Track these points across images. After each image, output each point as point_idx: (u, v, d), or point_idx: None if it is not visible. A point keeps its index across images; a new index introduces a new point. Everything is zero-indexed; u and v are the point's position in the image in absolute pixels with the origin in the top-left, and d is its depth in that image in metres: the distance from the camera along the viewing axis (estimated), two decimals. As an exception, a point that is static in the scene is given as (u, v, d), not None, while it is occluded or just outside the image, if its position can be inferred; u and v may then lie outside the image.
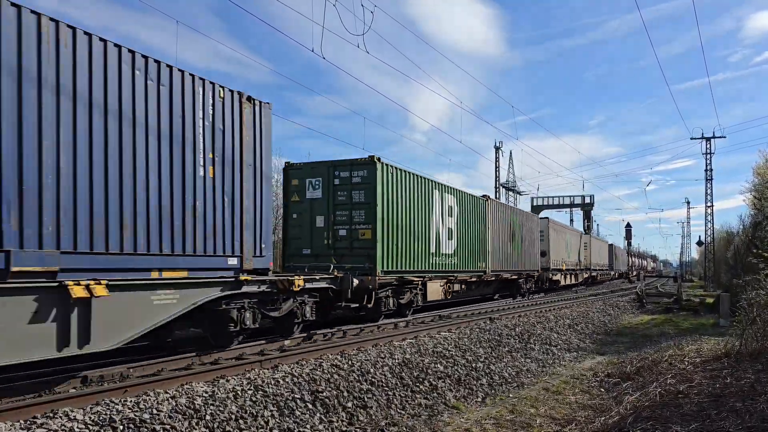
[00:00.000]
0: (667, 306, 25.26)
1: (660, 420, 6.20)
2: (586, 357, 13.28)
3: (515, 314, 17.55)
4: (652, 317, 22.30)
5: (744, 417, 5.81)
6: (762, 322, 9.56)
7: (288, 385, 7.26)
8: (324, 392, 7.30)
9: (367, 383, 8.05)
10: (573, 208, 65.85)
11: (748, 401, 6.37)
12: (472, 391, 9.18)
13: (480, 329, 13.43)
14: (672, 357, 10.42)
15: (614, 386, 9.69)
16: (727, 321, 17.09)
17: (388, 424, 7.15)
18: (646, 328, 18.43)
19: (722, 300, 19.18)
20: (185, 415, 5.83)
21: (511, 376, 10.36)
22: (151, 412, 5.70)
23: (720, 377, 7.82)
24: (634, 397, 7.76)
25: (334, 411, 7.04)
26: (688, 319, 20.94)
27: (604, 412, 7.60)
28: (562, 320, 17.33)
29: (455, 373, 9.59)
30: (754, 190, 30.66)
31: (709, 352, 10.42)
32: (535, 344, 13.24)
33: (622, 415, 6.91)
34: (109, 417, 5.45)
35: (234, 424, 5.96)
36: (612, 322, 20.02)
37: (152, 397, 6.19)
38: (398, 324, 13.63)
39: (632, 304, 26.53)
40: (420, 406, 8.02)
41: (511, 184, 57.82)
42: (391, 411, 7.58)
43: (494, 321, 15.28)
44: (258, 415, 6.31)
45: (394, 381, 8.45)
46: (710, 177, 47.45)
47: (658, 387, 7.80)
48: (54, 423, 5.21)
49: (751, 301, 10.31)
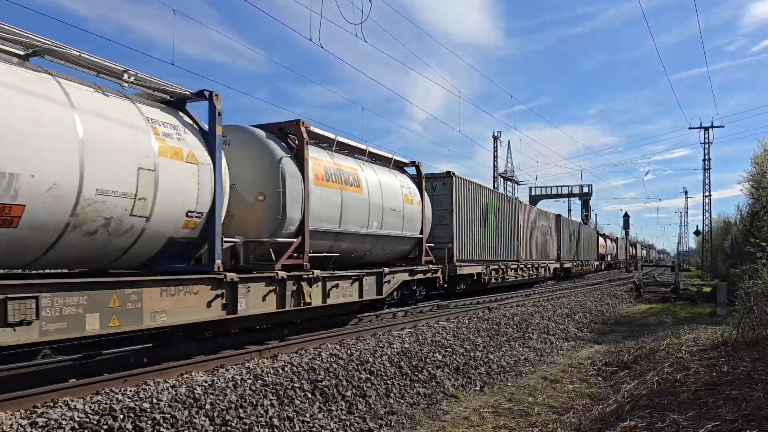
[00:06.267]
0: (665, 295, 25.33)
1: (657, 408, 6.23)
2: (584, 346, 13.34)
3: (513, 303, 17.62)
4: (649, 306, 22.38)
5: (740, 405, 5.85)
6: (759, 311, 9.59)
7: (287, 374, 7.29)
8: (323, 381, 7.33)
9: (366, 372, 8.08)
10: (571, 197, 65.90)
11: (745, 389, 6.41)
12: (471, 380, 9.22)
13: (478, 318, 13.48)
14: (669, 346, 10.47)
15: (612, 375, 9.75)
16: (724, 310, 17.16)
17: (387, 412, 7.19)
18: (644, 317, 18.50)
19: (719, 289, 19.24)
20: (185, 404, 5.85)
21: (509, 365, 10.41)
22: (151, 402, 5.72)
23: (717, 366, 7.86)
24: (632, 386, 7.80)
25: (334, 400, 7.07)
26: (685, 308, 21.02)
27: (601, 401, 7.65)
28: (560, 309, 17.39)
29: (454, 362, 9.63)
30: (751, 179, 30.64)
31: (706, 341, 10.46)
32: (533, 333, 13.29)
33: (619, 403, 6.95)
34: (109, 406, 5.47)
35: (234, 413, 5.98)
36: (610, 311, 20.09)
37: (152, 387, 6.21)
38: (397, 314, 13.69)
39: (630, 294, 26.62)
40: (419, 395, 8.06)
41: (509, 174, 57.79)
42: (390, 400, 7.62)
43: (492, 310, 15.34)
44: (258, 404, 6.34)
45: (393, 370, 8.48)
46: (708, 167, 47.47)
47: (655, 375, 7.83)
48: (54, 412, 5.23)
49: (748, 290, 10.34)
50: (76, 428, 5.02)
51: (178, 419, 5.55)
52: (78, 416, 5.19)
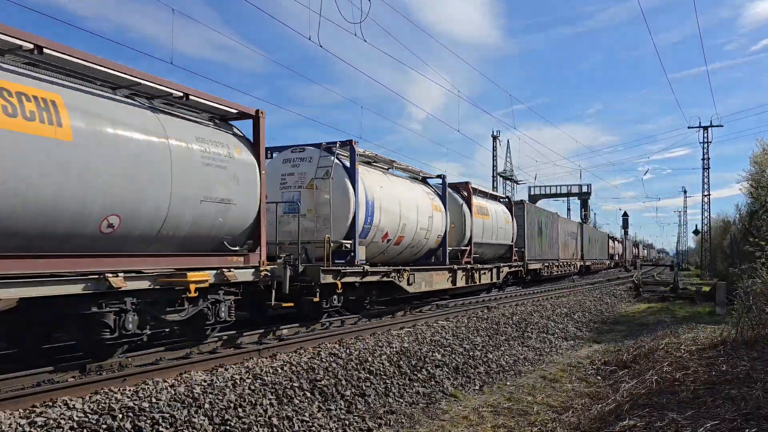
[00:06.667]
0: (664, 294, 25.32)
1: (656, 407, 6.24)
2: (583, 345, 13.35)
3: (512, 303, 17.63)
4: (648, 306, 22.39)
5: (739, 404, 5.85)
6: (758, 311, 9.61)
7: (286, 373, 7.29)
8: (322, 381, 7.33)
9: (366, 372, 8.08)
10: (570, 197, 65.95)
11: (744, 388, 6.42)
12: (470, 380, 9.23)
13: (477, 318, 13.48)
14: (668, 345, 10.48)
15: (611, 374, 9.75)
16: (723, 309, 17.16)
17: (386, 412, 7.19)
18: (643, 317, 18.51)
19: (718, 288, 19.25)
20: (184, 403, 5.85)
21: (508, 365, 10.41)
22: (150, 401, 5.72)
23: (716, 365, 7.87)
24: (631, 385, 7.80)
25: (333, 399, 7.07)
26: (684, 307, 21.02)
27: (600, 400, 7.65)
28: (559, 309, 17.40)
29: (453, 361, 9.64)
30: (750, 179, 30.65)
31: (706, 340, 10.48)
32: (532, 333, 13.29)
33: (618, 402, 6.95)
34: (108, 405, 5.47)
35: (233, 412, 5.98)
36: (609, 310, 20.09)
37: (151, 386, 6.21)
38: (396, 313, 13.71)
39: (629, 293, 26.63)
40: (418, 394, 8.06)
41: (508, 173, 57.83)
42: (389, 399, 7.62)
43: (492, 310, 15.34)
44: (257, 403, 6.33)
45: (392, 369, 8.48)
46: (707, 166, 47.55)
47: (654, 375, 7.84)
48: (53, 412, 5.22)
49: (747, 289, 10.36)
50: (75, 428, 5.02)
51: (177, 419, 5.54)
52: (77, 416, 5.19)
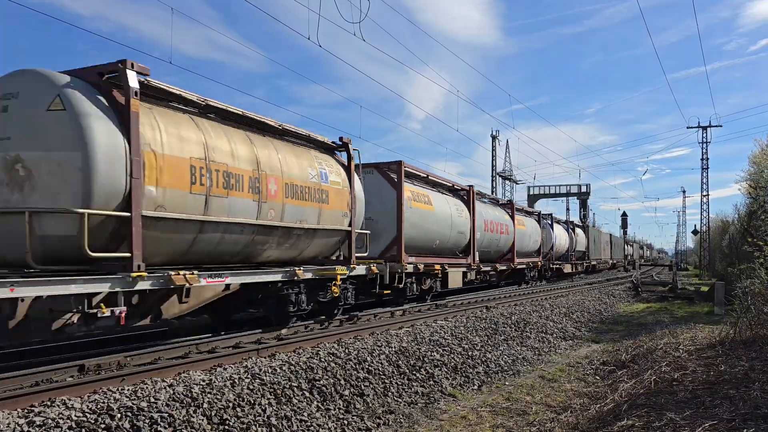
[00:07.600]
0: (663, 294, 25.37)
1: (655, 407, 6.24)
2: (582, 345, 13.36)
3: (511, 303, 17.64)
4: (647, 305, 22.41)
5: (738, 404, 5.86)
6: (756, 311, 9.63)
7: (285, 373, 7.29)
8: (321, 380, 7.33)
9: (364, 371, 8.08)
10: (569, 197, 66.00)
11: (742, 388, 6.43)
12: (469, 379, 9.23)
13: (476, 318, 13.48)
14: (667, 345, 10.49)
15: (609, 374, 9.76)
16: (721, 309, 17.18)
17: (384, 411, 7.19)
18: (642, 317, 18.53)
19: (717, 288, 19.28)
20: (183, 403, 5.85)
21: (507, 364, 10.42)
22: (148, 401, 5.71)
23: (714, 365, 7.88)
24: (629, 385, 7.81)
25: (331, 399, 7.07)
26: (683, 307, 21.04)
27: (599, 400, 7.66)
28: (558, 309, 17.41)
29: (452, 361, 9.64)
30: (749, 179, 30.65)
31: (704, 340, 10.49)
32: (531, 332, 13.30)
33: (617, 402, 6.96)
34: (107, 405, 5.46)
35: (231, 412, 5.98)
36: (608, 310, 20.11)
37: (150, 386, 6.20)
38: (395, 312, 13.71)
39: (628, 293, 26.65)
40: (417, 394, 8.06)
41: (507, 173, 57.84)
42: (388, 399, 7.62)
43: (490, 309, 15.35)
44: (255, 402, 6.33)
45: (391, 369, 8.48)
46: (706, 166, 47.63)
47: (653, 375, 7.85)
48: (52, 411, 5.22)
49: (745, 289, 10.38)
50: (74, 427, 5.01)
51: (176, 418, 5.54)
52: (75, 415, 5.18)
